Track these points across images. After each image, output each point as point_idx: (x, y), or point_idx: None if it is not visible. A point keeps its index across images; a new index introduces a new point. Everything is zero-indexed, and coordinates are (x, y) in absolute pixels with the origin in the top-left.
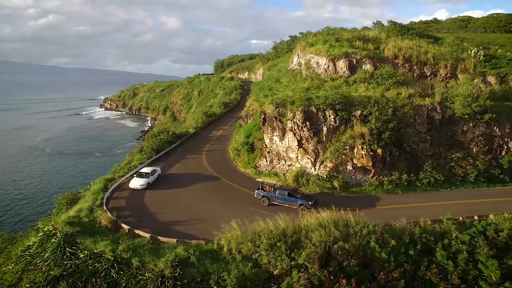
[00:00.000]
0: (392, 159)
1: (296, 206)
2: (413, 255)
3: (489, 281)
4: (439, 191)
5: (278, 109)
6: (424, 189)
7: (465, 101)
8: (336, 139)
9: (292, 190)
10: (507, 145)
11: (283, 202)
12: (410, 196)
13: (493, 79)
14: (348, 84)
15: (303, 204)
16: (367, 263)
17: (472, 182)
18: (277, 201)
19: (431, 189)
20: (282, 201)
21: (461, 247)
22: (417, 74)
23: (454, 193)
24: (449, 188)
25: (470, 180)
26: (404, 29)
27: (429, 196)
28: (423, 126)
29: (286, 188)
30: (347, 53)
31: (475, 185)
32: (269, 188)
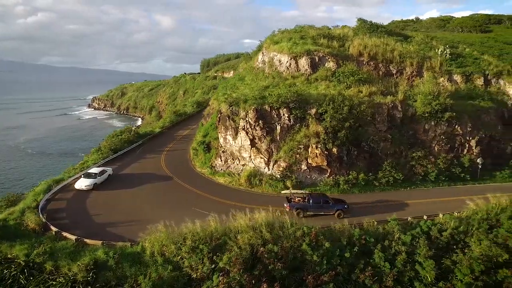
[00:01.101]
0: (350, 159)
1: (333, 212)
2: (349, 257)
3: (424, 282)
4: (398, 191)
5: (232, 107)
6: (383, 189)
7: (426, 100)
8: (291, 138)
9: (324, 196)
10: (469, 144)
11: (318, 210)
12: (367, 196)
13: (459, 78)
14: (309, 82)
15: (339, 209)
16: (297, 266)
17: (433, 181)
18: (312, 210)
19: (390, 188)
20: (318, 210)
21: (401, 248)
22: (383, 72)
23: (413, 192)
24: (408, 188)
25: (431, 179)
26: (373, 27)
27: (386, 195)
28: (384, 125)
29: (318, 195)
30: (310, 50)
31: (435, 184)
32: (298, 199)
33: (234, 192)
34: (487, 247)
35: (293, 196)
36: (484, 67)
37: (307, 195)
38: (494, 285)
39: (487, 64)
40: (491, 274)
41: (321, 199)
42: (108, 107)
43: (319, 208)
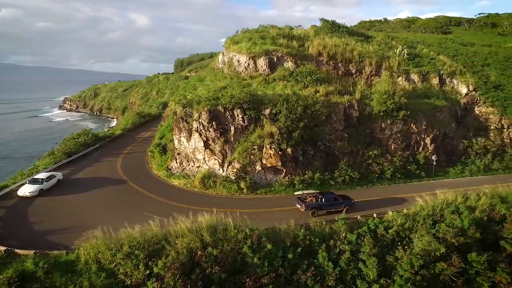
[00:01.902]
0: (307, 158)
1: (342, 208)
2: (292, 258)
3: (367, 279)
4: (354, 189)
5: (186, 109)
6: (339, 188)
7: (381, 99)
8: (245, 139)
9: (332, 193)
10: (424, 141)
11: (330, 208)
12: None
13: (416, 77)
14: (267, 82)
15: (348, 205)
16: (237, 269)
17: (389, 178)
18: (325, 208)
19: (346, 187)
20: (330, 208)
21: (345, 248)
22: (342, 71)
23: (369, 190)
24: (365, 186)
25: (387, 176)
26: (335, 27)
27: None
28: (340, 124)
29: (328, 193)
30: (268, 50)
31: (392, 182)
32: (311, 199)
33: (187, 195)
34: (427, 242)
35: (305, 196)
36: (439, 67)
37: (319, 194)
38: (432, 277)
39: (442, 64)
40: (430, 268)
41: (332, 197)
42: (80, 108)
43: (331, 205)
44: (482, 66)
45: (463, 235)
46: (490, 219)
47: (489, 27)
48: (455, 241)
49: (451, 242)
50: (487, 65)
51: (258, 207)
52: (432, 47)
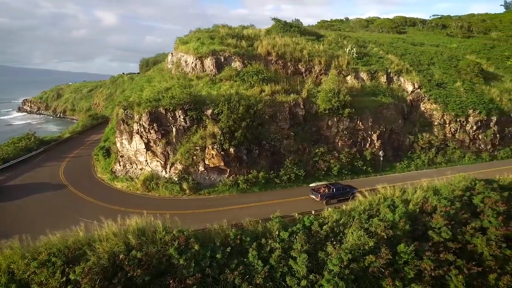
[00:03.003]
0: (252, 158)
1: (349, 196)
2: (221, 258)
3: (297, 276)
4: (300, 187)
5: (126, 111)
6: (285, 186)
7: (326, 97)
8: (187, 139)
9: (339, 184)
10: (371, 138)
11: (340, 196)
12: (267, 194)
13: (365, 75)
14: (214, 82)
15: (353, 193)
16: (163, 271)
17: (336, 175)
18: (336, 197)
19: (292, 185)
20: (339, 196)
21: (276, 245)
22: (292, 70)
23: None
24: (311, 183)
25: (334, 173)
26: (287, 26)
27: (286, 192)
28: (286, 123)
29: (336, 184)
30: (215, 51)
31: (339, 178)
32: (323, 189)
33: (129, 198)
34: (357, 236)
35: (319, 187)
36: (387, 65)
37: (330, 185)
38: (362, 270)
39: (390, 63)
40: (360, 261)
41: (340, 187)
42: (42, 110)
43: (341, 194)
44: (428, 65)
45: (394, 228)
46: (422, 211)
47: (440, 28)
48: (385, 234)
49: (381, 235)
50: (433, 64)
51: (200, 207)
52: (382, 47)
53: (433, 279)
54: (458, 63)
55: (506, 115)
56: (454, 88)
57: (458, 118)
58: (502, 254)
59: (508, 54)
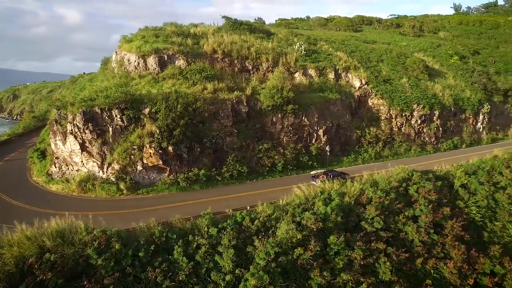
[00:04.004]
0: (193, 156)
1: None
2: (143, 256)
3: (223, 271)
4: (244, 183)
5: (60, 111)
6: (227, 183)
7: (269, 94)
8: (124, 139)
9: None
10: (317, 133)
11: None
12: (208, 191)
13: (313, 72)
14: (157, 81)
15: (345, 178)
16: (80, 272)
17: (280, 171)
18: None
19: (234, 182)
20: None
21: (203, 242)
22: (239, 68)
23: (256, 184)
24: (255, 179)
25: (279, 169)
26: (237, 24)
27: (228, 189)
28: (229, 120)
29: (332, 171)
30: (158, 49)
31: (284, 174)
32: (322, 176)
33: (63, 200)
34: (285, 230)
35: (318, 174)
36: (335, 62)
37: (328, 172)
38: (290, 263)
39: (338, 60)
40: (289, 254)
41: (336, 173)
42: None
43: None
44: (377, 62)
45: (326, 220)
46: (358, 203)
47: (394, 27)
48: (315, 227)
49: (311, 228)
50: (382, 61)
51: (136, 207)
52: (333, 44)
53: (363, 267)
54: (406, 60)
55: (448, 109)
56: (400, 84)
57: (403, 113)
58: (431, 239)
59: (451, 53)
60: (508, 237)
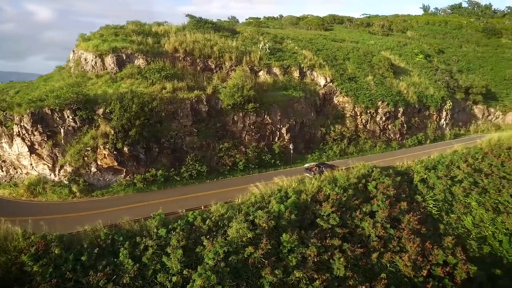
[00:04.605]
0: (151, 156)
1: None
2: (86, 260)
3: (171, 272)
4: (203, 183)
5: (5, 112)
6: (186, 183)
7: (229, 93)
8: (77, 140)
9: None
10: (280, 131)
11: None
12: (165, 192)
13: (278, 70)
14: (115, 81)
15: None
16: (13, 280)
17: (242, 169)
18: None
19: (194, 181)
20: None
21: (151, 243)
22: (201, 67)
23: (217, 183)
24: (215, 179)
25: (240, 168)
26: (201, 23)
27: (186, 189)
28: (188, 119)
29: (323, 164)
30: (116, 48)
31: (245, 172)
32: (315, 168)
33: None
34: (236, 229)
35: (311, 167)
36: (300, 60)
37: (320, 165)
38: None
39: (303, 58)
40: (240, 253)
41: (327, 165)
42: None
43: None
44: (343, 60)
45: (279, 218)
46: (315, 200)
47: (364, 26)
48: (266, 225)
49: (263, 226)
50: (348, 59)
51: (88, 210)
52: (300, 43)
53: (317, 264)
54: (372, 58)
55: (412, 106)
56: (365, 82)
57: (368, 110)
58: (387, 234)
59: (417, 51)
60: (463, 228)
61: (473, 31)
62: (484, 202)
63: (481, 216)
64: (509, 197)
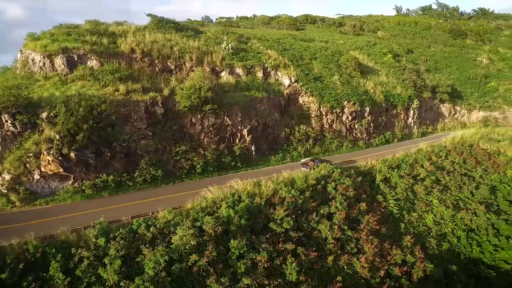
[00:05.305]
0: (102, 161)
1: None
2: (8, 277)
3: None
4: (159, 187)
5: None
6: (139, 188)
7: (185, 94)
8: (18, 146)
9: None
10: (241, 133)
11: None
12: (117, 198)
13: (241, 71)
14: (65, 83)
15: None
16: None
17: (200, 173)
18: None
19: (148, 186)
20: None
21: (86, 254)
22: (160, 68)
23: (173, 187)
24: (171, 183)
25: (198, 171)
26: (162, 23)
27: (139, 195)
28: (142, 122)
29: (318, 159)
30: (67, 48)
31: (204, 176)
32: (311, 163)
33: None
34: (179, 237)
35: (307, 161)
36: (264, 60)
37: (316, 159)
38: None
39: (268, 58)
40: (184, 261)
41: (322, 161)
42: None
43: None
44: (310, 60)
45: (229, 223)
46: (271, 204)
47: (336, 26)
48: (213, 231)
49: (209, 233)
50: (315, 59)
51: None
52: (266, 42)
53: (269, 270)
54: (340, 58)
55: (379, 105)
56: (331, 81)
57: (334, 110)
58: (345, 235)
59: (385, 51)
60: (424, 226)
61: (440, 32)
62: (445, 199)
63: (441, 214)
64: (469, 193)
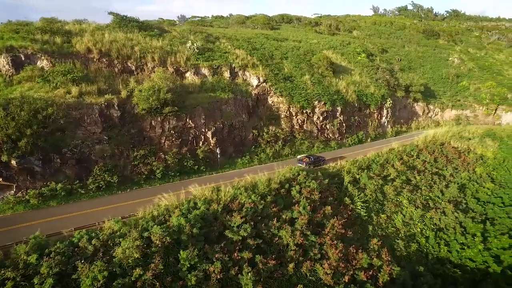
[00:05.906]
0: (51, 168)
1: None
2: None
3: None
4: (114, 195)
5: None
6: (93, 196)
7: (142, 96)
8: None
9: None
10: (205, 135)
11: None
12: (66, 207)
13: (207, 71)
14: (10, 84)
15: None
16: None
17: (160, 178)
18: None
19: (103, 194)
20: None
21: (11, 275)
22: (119, 69)
23: (129, 194)
24: (128, 189)
25: (158, 176)
26: (125, 21)
27: (91, 203)
28: (97, 126)
29: (313, 155)
30: (12, 47)
31: (164, 181)
32: (306, 159)
33: None
34: (122, 249)
35: (303, 158)
36: (232, 60)
37: (310, 156)
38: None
39: (235, 58)
40: (127, 276)
41: (316, 157)
42: None
43: (316, 162)
44: (280, 59)
45: (180, 233)
46: (228, 210)
47: (312, 26)
48: (160, 242)
49: (156, 244)
50: (286, 59)
51: None
52: (236, 42)
53: (223, 281)
54: (312, 57)
55: (352, 105)
56: (302, 81)
57: (304, 110)
58: (308, 241)
59: (359, 50)
60: (393, 227)
61: (415, 32)
62: (415, 199)
63: (411, 214)
64: (439, 192)
